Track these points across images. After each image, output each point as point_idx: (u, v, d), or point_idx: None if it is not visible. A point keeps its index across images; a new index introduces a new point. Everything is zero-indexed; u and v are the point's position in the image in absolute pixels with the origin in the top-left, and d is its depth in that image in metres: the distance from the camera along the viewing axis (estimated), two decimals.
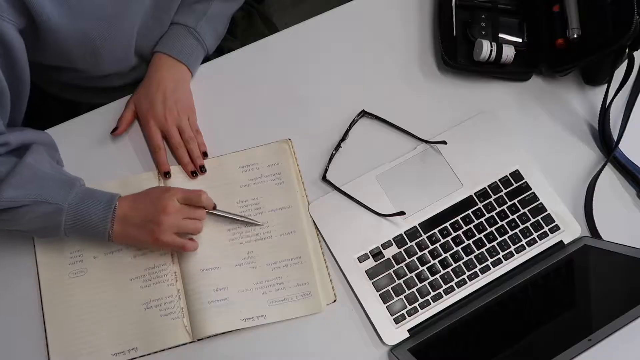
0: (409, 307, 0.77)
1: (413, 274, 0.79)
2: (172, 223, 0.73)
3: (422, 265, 0.79)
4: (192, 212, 0.76)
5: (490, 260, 0.80)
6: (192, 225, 0.76)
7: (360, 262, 0.79)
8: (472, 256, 0.80)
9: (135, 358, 0.75)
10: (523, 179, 0.83)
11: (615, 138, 0.84)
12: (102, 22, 0.72)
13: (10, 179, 0.68)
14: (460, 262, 0.79)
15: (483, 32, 0.88)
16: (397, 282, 0.78)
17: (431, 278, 0.78)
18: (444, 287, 0.78)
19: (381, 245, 0.80)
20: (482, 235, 0.81)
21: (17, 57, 0.67)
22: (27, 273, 0.79)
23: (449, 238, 0.80)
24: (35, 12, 0.65)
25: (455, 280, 0.79)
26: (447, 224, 0.81)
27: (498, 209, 0.82)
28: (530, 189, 0.83)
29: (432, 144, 0.85)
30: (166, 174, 0.82)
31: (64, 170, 0.77)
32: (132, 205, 0.74)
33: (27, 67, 0.71)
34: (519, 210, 0.82)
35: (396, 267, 0.79)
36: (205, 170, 0.83)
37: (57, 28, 0.68)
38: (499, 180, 0.83)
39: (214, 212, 0.78)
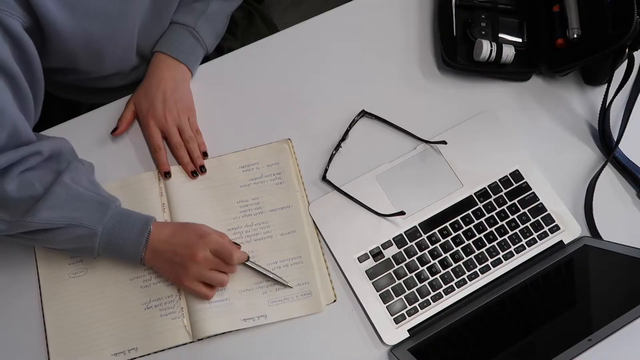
0: (409, 307, 0.77)
1: (413, 274, 0.79)
2: (198, 272, 0.74)
3: (422, 265, 0.79)
4: (221, 265, 0.75)
5: (490, 260, 0.80)
6: (218, 278, 0.75)
7: (360, 262, 0.79)
8: (472, 256, 0.80)
9: (135, 358, 0.75)
10: (523, 179, 0.84)
11: (615, 138, 0.84)
12: (105, 22, 0.72)
13: (47, 199, 0.68)
14: (460, 262, 0.79)
15: (483, 32, 0.88)
16: (397, 282, 0.78)
17: (431, 278, 0.79)
18: (444, 287, 0.78)
19: (381, 245, 0.80)
20: (482, 235, 0.81)
21: (31, 55, 0.67)
22: (27, 273, 0.79)
23: (449, 238, 0.80)
24: (40, 14, 0.65)
25: (455, 280, 0.79)
26: (447, 224, 0.81)
27: (498, 209, 0.82)
28: (530, 189, 0.83)
29: (432, 144, 0.85)
30: (166, 174, 0.82)
31: (100, 188, 0.76)
32: (166, 240, 0.74)
33: (40, 66, 0.70)
34: (519, 210, 0.82)
35: (396, 267, 0.79)
36: (206, 170, 0.83)
37: (62, 29, 0.68)
38: (499, 180, 0.83)
39: (246, 264, 0.78)
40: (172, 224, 0.77)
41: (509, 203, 0.82)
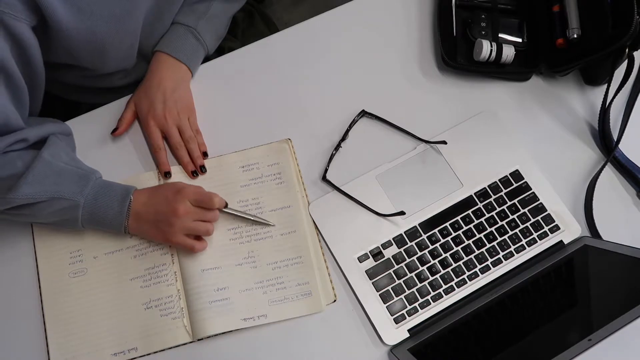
0: (409, 307, 0.77)
1: (413, 274, 0.79)
2: (183, 225, 0.75)
3: (422, 265, 0.79)
4: (203, 214, 0.77)
5: (490, 260, 0.80)
6: (203, 227, 0.77)
7: (360, 262, 0.79)
8: (472, 256, 0.80)
9: (135, 358, 0.75)
10: (523, 179, 0.84)
11: (615, 138, 0.84)
12: (110, 22, 0.73)
13: (27, 175, 0.70)
14: (460, 262, 0.79)
15: (483, 32, 0.88)
16: (397, 282, 0.78)
17: (431, 278, 0.79)
18: (444, 287, 0.78)
19: (381, 245, 0.80)
20: (482, 235, 0.81)
21: (32, 54, 0.69)
22: (27, 273, 0.79)
23: (449, 238, 0.80)
24: (47, 14, 0.66)
25: (455, 280, 0.79)
26: (447, 224, 0.81)
27: (498, 209, 0.82)
28: (530, 189, 0.83)
29: (432, 144, 0.85)
30: (166, 174, 0.82)
31: (80, 162, 0.78)
32: (145, 202, 0.76)
33: (42, 62, 0.73)
34: (519, 210, 0.82)
35: (396, 267, 0.79)
36: (206, 170, 0.83)
37: (67, 28, 0.69)
38: (499, 180, 0.83)
39: (225, 210, 0.79)
40: (149, 188, 0.78)
41: (509, 203, 0.82)
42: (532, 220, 0.81)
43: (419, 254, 0.80)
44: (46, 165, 0.72)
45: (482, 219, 0.81)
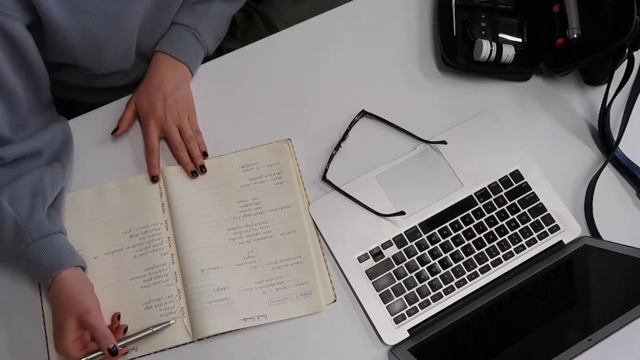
0: (409, 307, 0.77)
1: (413, 274, 0.79)
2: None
3: (422, 265, 0.79)
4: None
5: (490, 260, 0.80)
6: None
7: (360, 262, 0.79)
8: (472, 256, 0.80)
9: (135, 358, 0.75)
10: (523, 179, 0.83)
11: (615, 138, 0.84)
12: (103, 21, 0.73)
13: None
14: (460, 262, 0.79)
15: (483, 32, 0.88)
16: (397, 282, 0.78)
17: (431, 278, 0.78)
18: (444, 287, 0.78)
19: (381, 245, 0.80)
20: (482, 235, 0.81)
21: (29, 53, 0.69)
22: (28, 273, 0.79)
23: (449, 238, 0.80)
24: (41, 11, 0.66)
25: (455, 280, 0.79)
26: (447, 224, 0.81)
27: (498, 209, 0.82)
28: (530, 189, 0.83)
29: (432, 144, 0.85)
30: (153, 178, 0.82)
31: (35, 214, 0.72)
32: (54, 296, 0.72)
33: (41, 60, 0.72)
34: (519, 210, 0.82)
35: (396, 267, 0.79)
36: (206, 170, 0.83)
37: (61, 25, 0.69)
38: (499, 180, 0.83)
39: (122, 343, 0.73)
40: (68, 289, 0.72)
41: (509, 203, 0.82)
42: (532, 220, 0.81)
43: (419, 254, 0.80)
44: None
45: (482, 219, 0.81)
